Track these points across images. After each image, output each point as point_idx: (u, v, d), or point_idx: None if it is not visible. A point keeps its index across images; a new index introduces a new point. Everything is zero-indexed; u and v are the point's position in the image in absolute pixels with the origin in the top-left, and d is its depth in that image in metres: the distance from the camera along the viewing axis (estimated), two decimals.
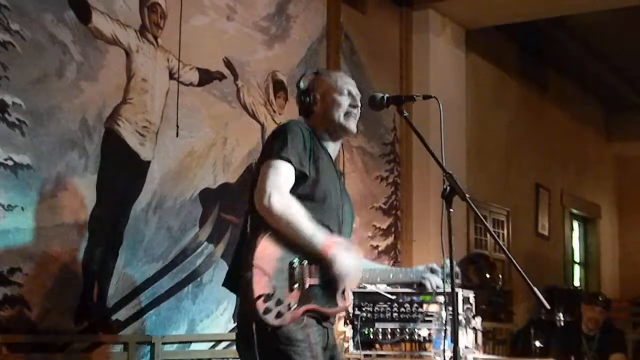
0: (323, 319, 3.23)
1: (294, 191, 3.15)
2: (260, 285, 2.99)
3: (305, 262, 3.13)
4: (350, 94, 3.43)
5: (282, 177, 3.11)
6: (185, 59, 5.05)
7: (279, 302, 3.02)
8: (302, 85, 3.48)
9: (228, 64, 5.40)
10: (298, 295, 3.09)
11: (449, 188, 3.04)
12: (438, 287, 3.64)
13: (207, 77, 5.24)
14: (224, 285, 3.30)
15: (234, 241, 4.97)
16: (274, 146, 3.17)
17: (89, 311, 4.37)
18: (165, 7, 4.95)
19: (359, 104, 3.45)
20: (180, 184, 4.96)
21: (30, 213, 4.08)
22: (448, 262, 3.66)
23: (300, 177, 3.17)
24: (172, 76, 4.98)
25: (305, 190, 3.19)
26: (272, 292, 3.01)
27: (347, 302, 3.31)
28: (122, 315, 4.56)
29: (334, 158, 3.44)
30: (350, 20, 6.80)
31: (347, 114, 3.40)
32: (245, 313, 3.08)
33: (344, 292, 3.26)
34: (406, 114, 3.32)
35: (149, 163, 4.78)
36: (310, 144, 3.26)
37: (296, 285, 3.08)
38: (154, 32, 4.86)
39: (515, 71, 9.89)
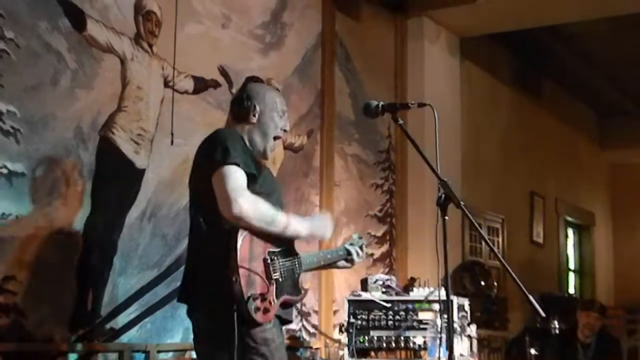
0: (283, 320, 3.44)
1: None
2: (248, 286, 3.14)
3: (276, 257, 3.31)
4: (284, 114, 3.60)
5: (238, 180, 3.23)
6: (179, 66, 5.06)
7: (263, 299, 3.19)
8: (247, 88, 3.59)
9: (223, 72, 5.41)
10: (274, 290, 3.27)
11: (443, 195, 3.06)
12: (359, 255, 3.88)
13: (201, 85, 5.24)
14: (179, 300, 3.41)
15: None
16: (217, 155, 3.27)
17: (84, 319, 4.36)
18: (160, 15, 4.96)
19: (288, 129, 3.66)
20: (174, 192, 4.95)
21: (25, 221, 4.07)
22: (355, 235, 3.98)
23: (250, 178, 3.30)
24: (166, 84, 4.98)
25: (256, 187, 3.33)
26: (258, 291, 3.18)
27: (304, 288, 3.57)
28: (116, 323, 4.55)
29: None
30: (344, 27, 6.81)
31: (276, 137, 3.56)
32: (223, 313, 3.16)
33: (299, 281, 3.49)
34: (401, 122, 3.35)
35: (143, 171, 4.78)
36: (245, 146, 3.44)
37: (272, 280, 3.26)
38: (148, 39, 4.86)
39: (509, 79, 9.91)
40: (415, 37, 7.58)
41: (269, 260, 3.26)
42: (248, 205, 3.18)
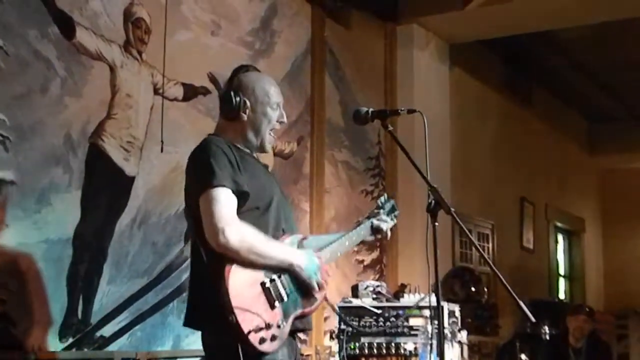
0: (298, 330, 3.24)
1: (239, 209, 3.09)
2: (246, 322, 2.94)
3: (275, 277, 3.09)
4: (279, 106, 3.35)
5: (225, 206, 3.02)
6: (169, 74, 5.05)
7: (269, 327, 3.00)
8: (235, 82, 3.34)
9: (212, 79, 5.40)
10: (281, 311, 3.08)
11: (433, 202, 3.05)
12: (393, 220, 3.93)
13: (191, 92, 5.24)
14: (185, 324, 3.19)
15: None
16: (202, 176, 3.06)
17: (74, 327, 4.35)
18: (149, 22, 4.95)
19: (285, 120, 3.39)
20: (164, 199, 4.95)
21: (14, 229, 4.06)
22: (382, 198, 3.99)
23: (241, 196, 3.10)
24: (156, 91, 4.97)
25: (250, 203, 3.14)
26: (259, 323, 2.98)
27: (324, 291, 3.29)
28: (106, 331, 4.53)
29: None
30: (334, 34, 6.82)
31: (272, 130, 3.33)
32: (229, 346, 3.00)
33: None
34: (390, 128, 3.32)
35: (133, 178, 4.77)
36: (234, 156, 3.16)
37: (276, 302, 3.06)
38: (138, 47, 4.86)
39: (498, 85, 9.93)
40: (405, 43, 7.59)
41: (267, 284, 3.05)
42: (235, 235, 2.98)
